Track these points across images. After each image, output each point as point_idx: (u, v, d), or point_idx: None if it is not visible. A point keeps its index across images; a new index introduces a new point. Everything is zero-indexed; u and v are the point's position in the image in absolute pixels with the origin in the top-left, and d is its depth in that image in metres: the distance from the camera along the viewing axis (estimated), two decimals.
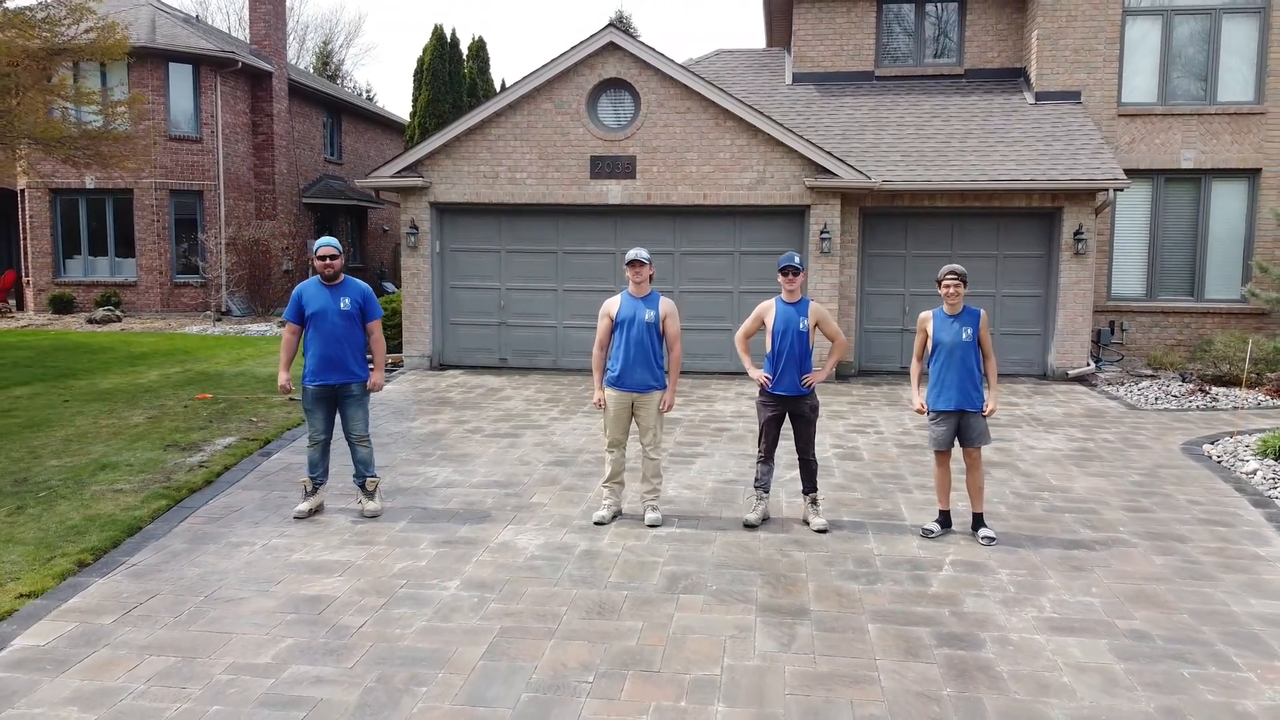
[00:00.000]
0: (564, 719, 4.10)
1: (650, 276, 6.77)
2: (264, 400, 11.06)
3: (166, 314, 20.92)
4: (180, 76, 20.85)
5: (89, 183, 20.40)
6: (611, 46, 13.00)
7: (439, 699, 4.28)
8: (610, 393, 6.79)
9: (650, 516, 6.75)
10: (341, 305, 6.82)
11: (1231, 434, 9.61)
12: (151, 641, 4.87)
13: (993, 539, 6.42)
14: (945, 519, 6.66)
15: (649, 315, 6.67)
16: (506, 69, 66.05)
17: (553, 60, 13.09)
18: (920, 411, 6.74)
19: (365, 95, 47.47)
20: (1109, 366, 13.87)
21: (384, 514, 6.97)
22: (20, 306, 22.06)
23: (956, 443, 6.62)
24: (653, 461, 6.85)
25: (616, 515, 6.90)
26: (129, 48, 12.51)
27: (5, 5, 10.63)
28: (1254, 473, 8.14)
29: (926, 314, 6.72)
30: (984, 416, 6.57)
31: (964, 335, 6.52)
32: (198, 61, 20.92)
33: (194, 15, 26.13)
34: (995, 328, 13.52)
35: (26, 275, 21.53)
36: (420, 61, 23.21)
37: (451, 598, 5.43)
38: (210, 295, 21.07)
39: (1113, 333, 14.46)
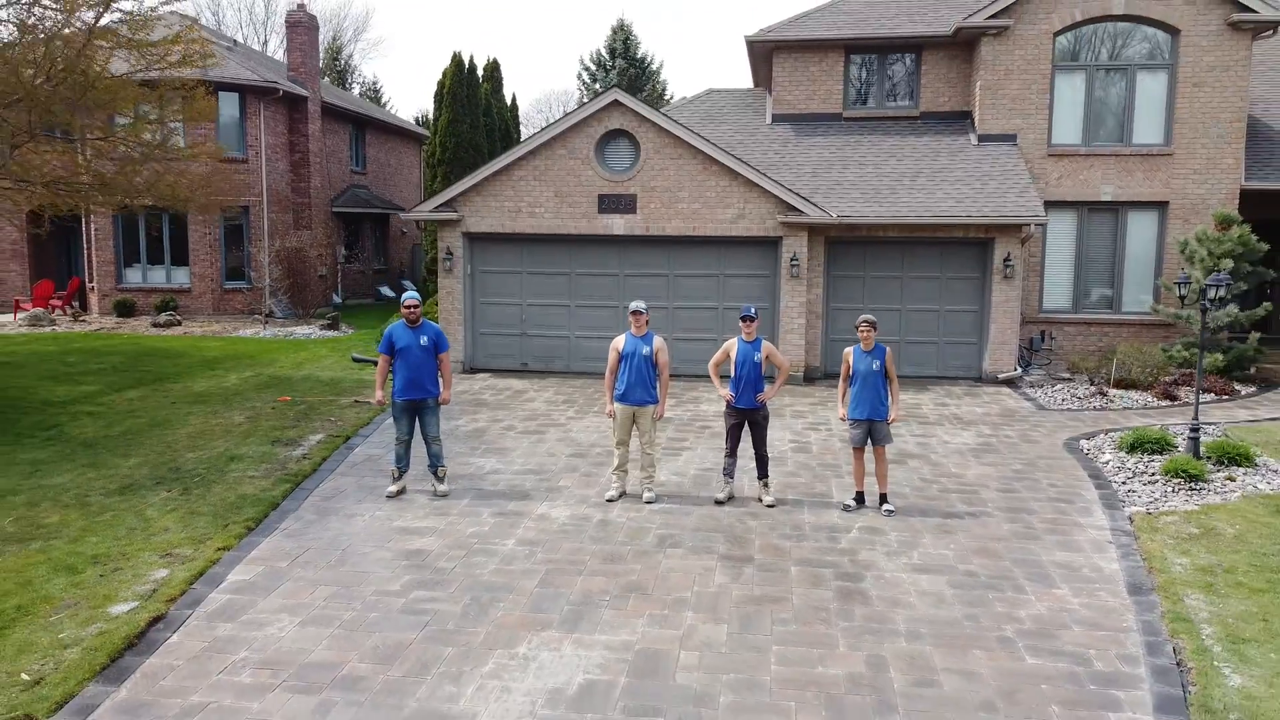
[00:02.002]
0: (592, 619, 6.65)
1: (646, 321, 9.29)
2: (334, 403, 13.59)
3: (218, 317, 23.44)
4: (228, 104, 23.26)
5: (148, 199, 22.81)
6: (616, 103, 15.46)
7: (513, 609, 6.83)
8: (617, 405, 9.32)
9: (647, 496, 9.28)
10: (421, 342, 9.33)
11: (1106, 431, 12.14)
12: (317, 578, 7.41)
13: (892, 511, 8.95)
14: (860, 498, 9.19)
15: (645, 350, 9.19)
16: (516, 83, 68.83)
17: (566, 114, 15.56)
18: (843, 419, 9.27)
19: (373, 89, 49.85)
20: (1036, 371, 16.37)
21: (451, 494, 9.50)
22: (84, 309, 24.55)
23: (870, 442, 9.15)
24: (648, 455, 9.38)
25: (622, 495, 9.43)
26: (216, 112, 14.92)
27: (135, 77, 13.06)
28: (1108, 462, 10.66)
29: (849, 349, 9.23)
30: (889, 423, 9.09)
31: (874, 366, 9.02)
32: (243, 90, 23.35)
33: (234, 41, 28.46)
34: (939, 338, 16.03)
35: (91, 282, 24.04)
36: (440, 85, 25.61)
37: (510, 550, 7.97)
38: (258, 301, 23.57)
39: (1043, 340, 16.97)
